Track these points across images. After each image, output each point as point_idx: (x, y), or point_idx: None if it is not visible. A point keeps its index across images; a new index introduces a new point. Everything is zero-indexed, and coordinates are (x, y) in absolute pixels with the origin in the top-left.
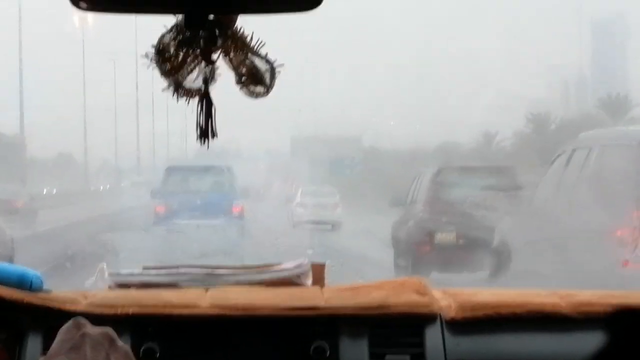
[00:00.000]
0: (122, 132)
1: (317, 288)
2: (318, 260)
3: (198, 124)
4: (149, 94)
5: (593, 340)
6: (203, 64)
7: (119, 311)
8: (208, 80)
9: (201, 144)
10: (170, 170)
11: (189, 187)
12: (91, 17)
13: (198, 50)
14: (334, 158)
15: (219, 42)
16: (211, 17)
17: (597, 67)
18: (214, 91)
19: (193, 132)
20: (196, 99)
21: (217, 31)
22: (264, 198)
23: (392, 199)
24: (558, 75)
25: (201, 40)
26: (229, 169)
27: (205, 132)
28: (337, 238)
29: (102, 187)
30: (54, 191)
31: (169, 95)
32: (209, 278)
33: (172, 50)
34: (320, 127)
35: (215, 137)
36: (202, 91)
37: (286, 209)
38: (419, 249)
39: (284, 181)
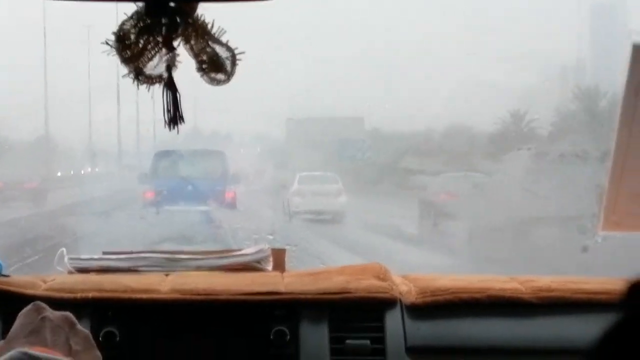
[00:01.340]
0: (105, 116)
1: (277, 273)
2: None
3: (165, 110)
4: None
5: (552, 324)
6: (164, 51)
7: (78, 295)
8: (171, 67)
9: (170, 130)
10: (160, 155)
11: (179, 172)
12: None
13: (159, 38)
14: (339, 141)
15: (179, 29)
16: (172, 4)
17: None
18: (191, 76)
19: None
20: (156, 85)
21: (177, 18)
22: (257, 184)
23: None
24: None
25: (162, 28)
26: (221, 153)
27: (173, 118)
28: (339, 231)
29: (90, 171)
30: (59, 174)
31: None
32: (169, 263)
33: (132, 37)
34: (317, 108)
35: (182, 122)
36: (165, 78)
37: (281, 197)
38: None
39: (279, 166)
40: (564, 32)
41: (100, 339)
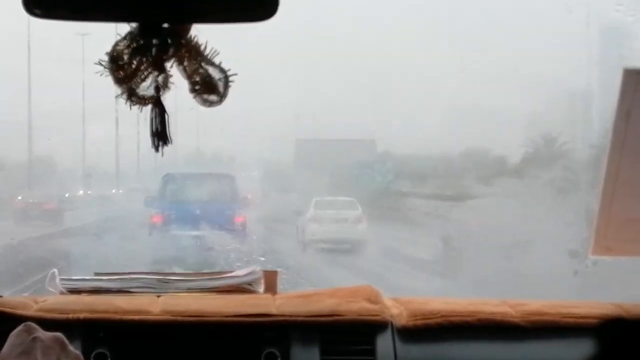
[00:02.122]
0: (102, 137)
1: (268, 295)
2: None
3: (152, 131)
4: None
5: (542, 348)
6: (156, 72)
7: (70, 316)
8: (160, 88)
9: (156, 151)
10: (168, 178)
11: (187, 195)
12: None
13: (151, 58)
14: (355, 162)
15: (172, 50)
16: (165, 25)
17: None
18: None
19: (181, 139)
20: (149, 106)
21: (169, 40)
22: (265, 209)
23: None
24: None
25: (154, 49)
26: (231, 176)
27: (160, 138)
28: (359, 261)
29: (90, 193)
30: (67, 195)
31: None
32: (161, 284)
33: (125, 57)
34: (324, 131)
35: (170, 144)
36: (154, 99)
37: (296, 223)
38: None
39: (287, 190)
40: (572, 57)
41: None
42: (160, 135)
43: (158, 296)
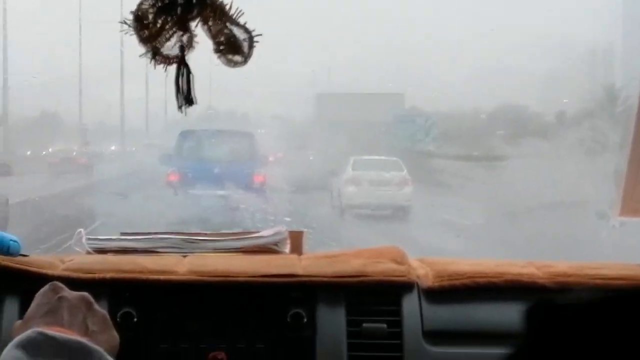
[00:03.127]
0: (113, 96)
1: (294, 256)
2: None
3: (178, 91)
4: (134, 59)
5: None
6: (181, 31)
7: (96, 276)
8: (184, 47)
9: (180, 111)
10: (185, 135)
11: (205, 153)
12: None
13: (176, 18)
14: (396, 117)
15: (196, 10)
16: None
17: None
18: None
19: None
20: (173, 65)
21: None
22: (285, 169)
23: None
24: None
25: (178, 8)
26: (250, 134)
27: (186, 99)
28: (405, 231)
29: (107, 149)
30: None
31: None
32: (187, 244)
33: (150, 17)
34: (346, 84)
35: (194, 104)
36: (179, 58)
37: (331, 185)
38: None
39: (307, 149)
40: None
41: (117, 319)
42: (185, 95)
43: (184, 256)
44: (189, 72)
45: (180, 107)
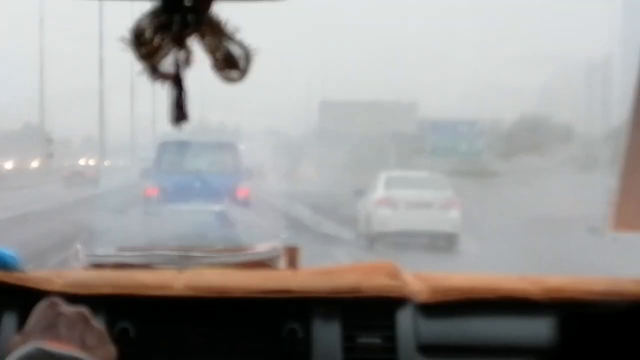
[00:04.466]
0: (107, 110)
1: (290, 271)
2: None
3: (171, 107)
4: (128, 76)
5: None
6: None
7: (93, 291)
8: (180, 64)
9: (174, 127)
10: (165, 146)
11: (186, 165)
12: None
13: (173, 35)
14: (429, 123)
15: (193, 26)
16: (187, 2)
17: None
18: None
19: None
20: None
21: (190, 16)
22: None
23: None
24: None
25: (175, 25)
26: (233, 145)
27: (178, 115)
28: (455, 265)
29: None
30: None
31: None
32: (183, 260)
33: (148, 34)
34: (351, 91)
35: (186, 121)
36: (174, 75)
37: (360, 206)
38: None
39: (309, 162)
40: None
41: (114, 334)
42: (179, 111)
43: (180, 271)
44: (181, 89)
45: (174, 123)
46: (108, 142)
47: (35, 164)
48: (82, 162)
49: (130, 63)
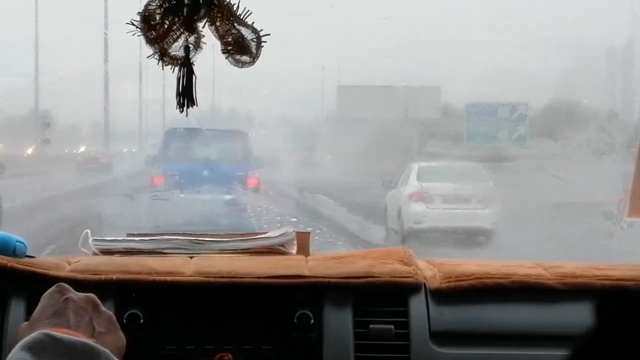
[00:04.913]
0: (115, 96)
1: (301, 256)
2: None
3: (178, 91)
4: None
5: (577, 311)
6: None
7: (102, 277)
8: (189, 48)
9: (180, 111)
10: (171, 133)
11: (193, 153)
12: None
13: (183, 19)
14: (465, 106)
15: (202, 11)
16: None
17: None
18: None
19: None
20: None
21: (200, 0)
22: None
23: None
24: None
25: (185, 8)
26: (243, 133)
27: (185, 100)
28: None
29: (125, 150)
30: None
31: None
32: (193, 245)
33: (157, 18)
34: (366, 76)
35: (194, 106)
36: (183, 59)
37: (388, 199)
38: None
39: (324, 150)
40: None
41: (124, 320)
42: (186, 96)
43: (190, 257)
44: (191, 73)
45: (181, 107)
46: (117, 129)
47: (30, 150)
48: (86, 149)
49: (139, 46)
